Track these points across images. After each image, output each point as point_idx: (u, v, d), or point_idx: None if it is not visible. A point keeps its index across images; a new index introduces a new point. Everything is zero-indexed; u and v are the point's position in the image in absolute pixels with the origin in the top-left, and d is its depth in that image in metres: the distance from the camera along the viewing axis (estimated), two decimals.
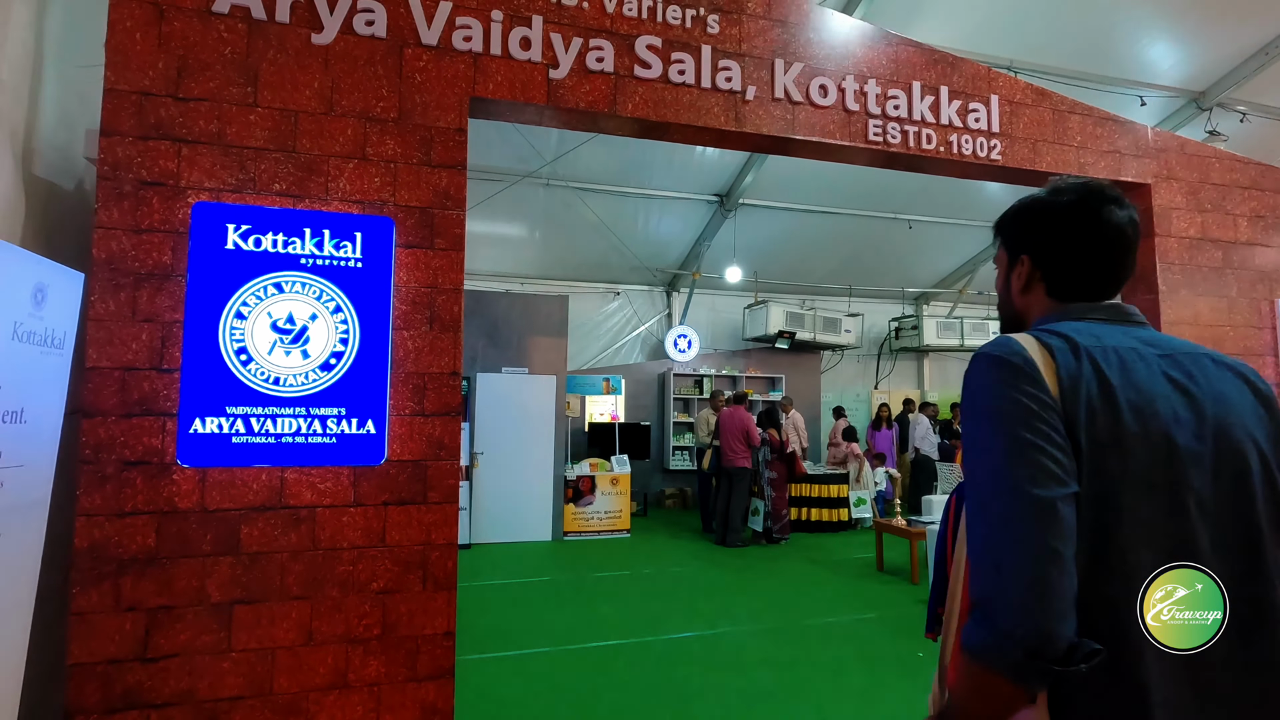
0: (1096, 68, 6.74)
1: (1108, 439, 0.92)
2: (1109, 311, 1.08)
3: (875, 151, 3.43)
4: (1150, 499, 0.92)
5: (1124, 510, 0.91)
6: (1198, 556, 0.93)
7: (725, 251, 9.26)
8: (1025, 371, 0.95)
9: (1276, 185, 4.26)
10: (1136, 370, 0.96)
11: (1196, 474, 0.93)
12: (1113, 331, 1.03)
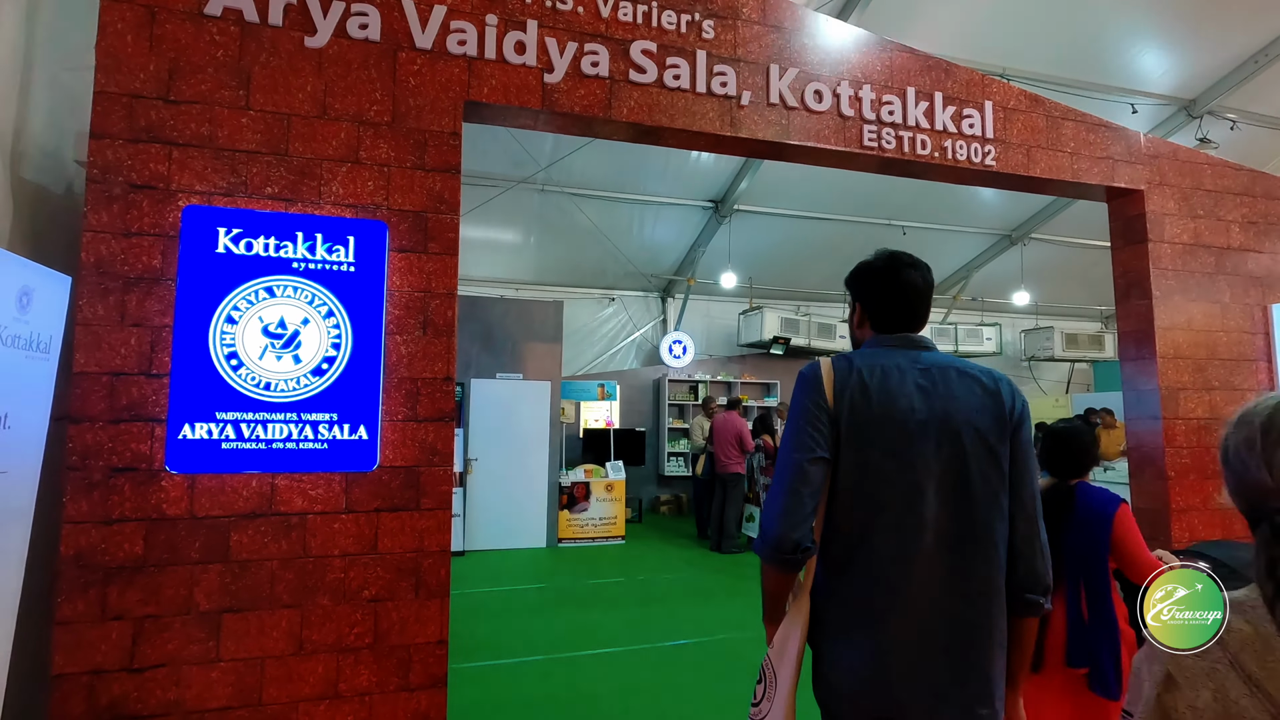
0: (1088, 75, 6.79)
1: (863, 421, 1.44)
2: (899, 340, 1.57)
3: (870, 157, 3.43)
4: (892, 459, 1.43)
5: (872, 465, 1.43)
6: (923, 493, 1.42)
7: (720, 257, 9.26)
8: (813, 383, 1.49)
9: (1267, 191, 4.28)
10: (891, 378, 1.47)
11: (922, 443, 1.43)
12: (892, 354, 1.53)
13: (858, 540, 1.44)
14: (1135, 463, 3.94)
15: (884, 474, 1.43)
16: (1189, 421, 3.84)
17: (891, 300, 1.61)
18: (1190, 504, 3.76)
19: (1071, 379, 12.46)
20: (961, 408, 1.47)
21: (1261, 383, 4.02)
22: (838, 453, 1.45)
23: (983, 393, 1.50)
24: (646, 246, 9.36)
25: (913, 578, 1.41)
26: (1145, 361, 3.88)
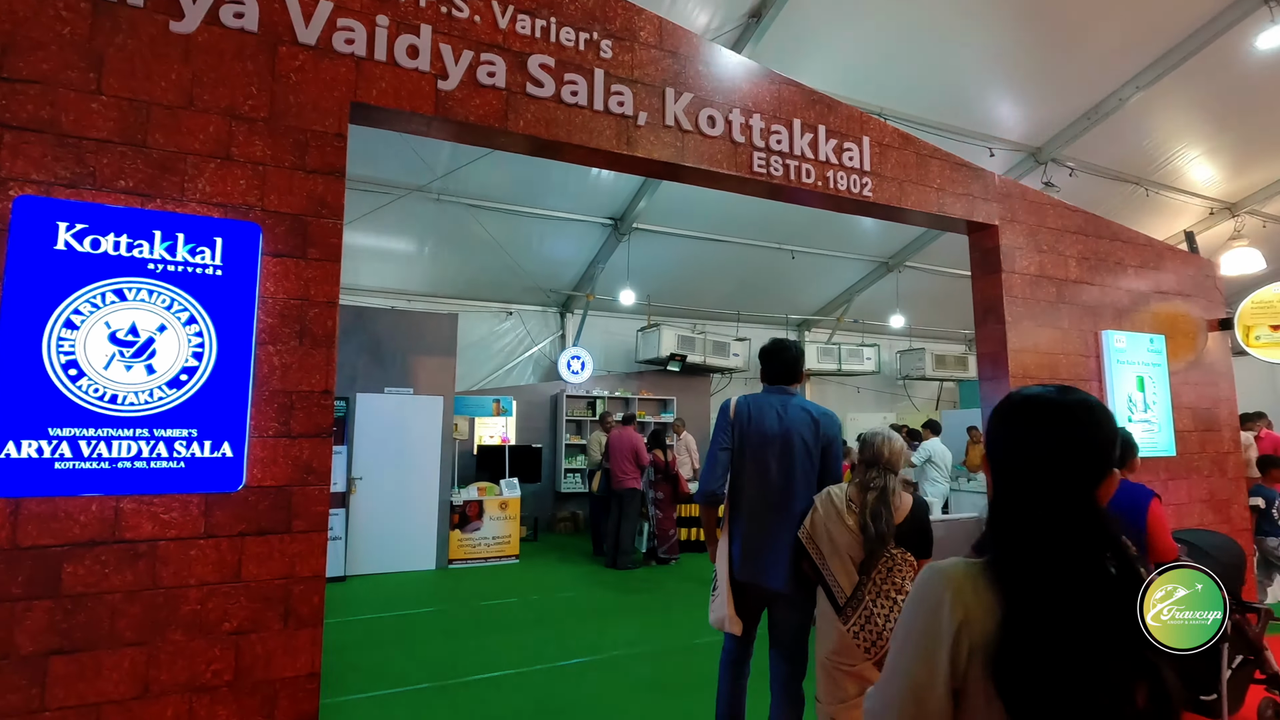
0: (954, 120, 7.45)
1: (746, 433, 2.85)
2: (775, 389, 2.97)
3: (759, 182, 3.59)
4: (758, 455, 2.83)
5: (748, 458, 2.84)
6: (770, 468, 2.80)
7: (619, 274, 9.35)
8: (726, 411, 2.93)
9: (1098, 232, 4.85)
10: (764, 410, 2.87)
11: (772, 449, 2.81)
12: (769, 397, 2.94)
13: (742, 490, 2.86)
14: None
15: (755, 458, 2.85)
16: None
17: (771, 369, 3.02)
18: None
19: (940, 396, 13.50)
20: (796, 427, 2.84)
21: None
22: (736, 446, 2.88)
23: (809, 420, 2.88)
24: (546, 261, 9.31)
25: (765, 507, 2.81)
26: (999, 380, 4.26)
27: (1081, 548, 1.02)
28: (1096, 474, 1.05)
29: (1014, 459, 1.09)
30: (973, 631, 1.00)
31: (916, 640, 1.05)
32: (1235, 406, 5.48)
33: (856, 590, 2.49)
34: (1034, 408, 1.10)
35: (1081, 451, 1.05)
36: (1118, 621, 1.01)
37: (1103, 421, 1.07)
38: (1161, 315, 5.00)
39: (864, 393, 12.78)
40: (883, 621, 2.44)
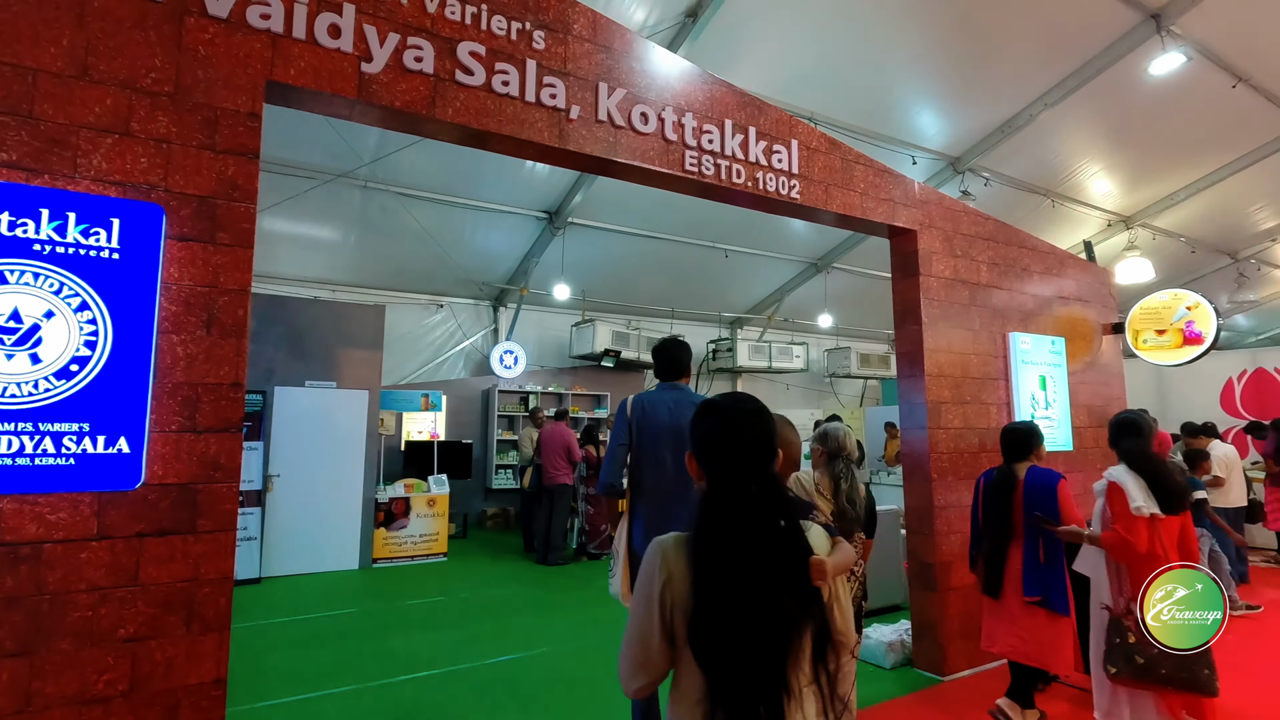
0: (881, 128, 7.74)
1: (642, 429, 3.10)
2: (666, 385, 3.25)
3: (691, 181, 3.63)
4: (654, 448, 3.06)
5: (645, 448, 3.08)
6: (664, 467, 3.02)
7: (554, 269, 9.28)
8: (623, 410, 3.18)
9: (1008, 239, 5.14)
10: (657, 405, 3.13)
11: (665, 441, 3.05)
12: (662, 394, 3.21)
13: (642, 480, 3.10)
14: (908, 467, 4.51)
15: (650, 451, 3.09)
16: (948, 430, 4.47)
17: (661, 366, 3.28)
18: (948, 501, 4.38)
19: (865, 394, 14.02)
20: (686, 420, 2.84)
21: (1001, 397, 4.79)
22: (634, 441, 3.13)
23: None
24: (478, 253, 9.13)
25: (661, 494, 3.04)
26: (916, 379, 4.47)
27: (749, 512, 1.29)
28: (762, 460, 1.33)
29: (701, 449, 1.38)
30: (673, 589, 1.27)
31: (640, 597, 1.31)
32: (1125, 404, 5.92)
33: None
34: (713, 412, 1.39)
35: (745, 444, 1.33)
36: (780, 568, 1.27)
37: (761, 422, 1.36)
38: (1062, 319, 5.35)
39: (793, 390, 13.13)
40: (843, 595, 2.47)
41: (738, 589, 1.22)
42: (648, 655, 1.28)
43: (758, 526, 1.27)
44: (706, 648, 1.22)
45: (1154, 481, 2.86)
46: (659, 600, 1.27)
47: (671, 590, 1.27)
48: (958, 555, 4.32)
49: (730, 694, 1.21)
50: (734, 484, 1.30)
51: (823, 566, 1.34)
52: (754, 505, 1.28)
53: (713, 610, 1.21)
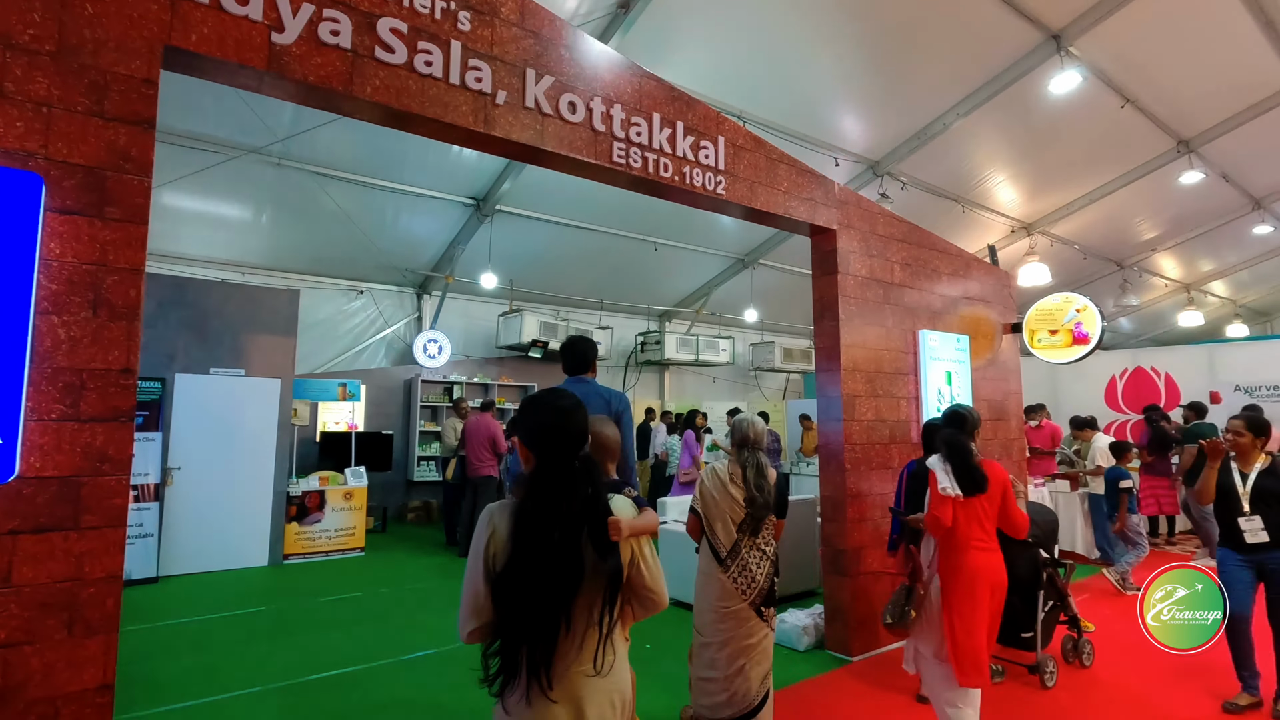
0: (807, 129, 7.96)
1: None
2: (574, 379, 3.44)
3: (619, 173, 3.63)
4: None
5: None
6: None
7: (481, 257, 9.09)
8: None
9: (919, 241, 5.40)
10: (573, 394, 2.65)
11: None
12: (570, 387, 3.08)
13: None
14: (823, 457, 4.69)
15: None
16: (862, 423, 4.67)
17: (569, 360, 3.48)
18: (861, 490, 4.58)
19: (787, 387, 14.45)
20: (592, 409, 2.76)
21: (910, 391, 5.05)
22: None
23: (603, 402, 3.30)
24: (402, 239, 8.85)
25: None
26: (833, 373, 4.64)
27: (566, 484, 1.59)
28: (577, 444, 1.66)
29: (529, 436, 1.68)
30: (496, 543, 1.56)
31: (473, 554, 1.60)
32: (1021, 399, 6.35)
33: (735, 546, 2.96)
34: (539, 407, 1.70)
35: (564, 432, 1.65)
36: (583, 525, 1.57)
37: (577, 415, 1.68)
38: (967, 318, 5.68)
39: (719, 382, 13.39)
40: (756, 570, 2.96)
41: (547, 541, 1.52)
42: (477, 602, 1.53)
43: (571, 494, 1.58)
44: (504, 590, 1.51)
45: (958, 467, 3.08)
46: (484, 554, 1.56)
47: (495, 544, 1.56)
48: (868, 542, 4.53)
49: (516, 629, 1.50)
50: (556, 462, 1.61)
51: (618, 525, 1.61)
52: (571, 478, 1.60)
53: (523, 557, 1.51)
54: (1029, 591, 3.96)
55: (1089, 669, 4.21)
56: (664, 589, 1.71)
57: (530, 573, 1.50)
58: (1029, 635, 3.99)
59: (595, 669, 1.55)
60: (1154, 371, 9.92)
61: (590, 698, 1.55)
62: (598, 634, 1.56)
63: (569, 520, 1.55)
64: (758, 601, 2.94)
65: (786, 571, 5.61)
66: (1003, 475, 3.13)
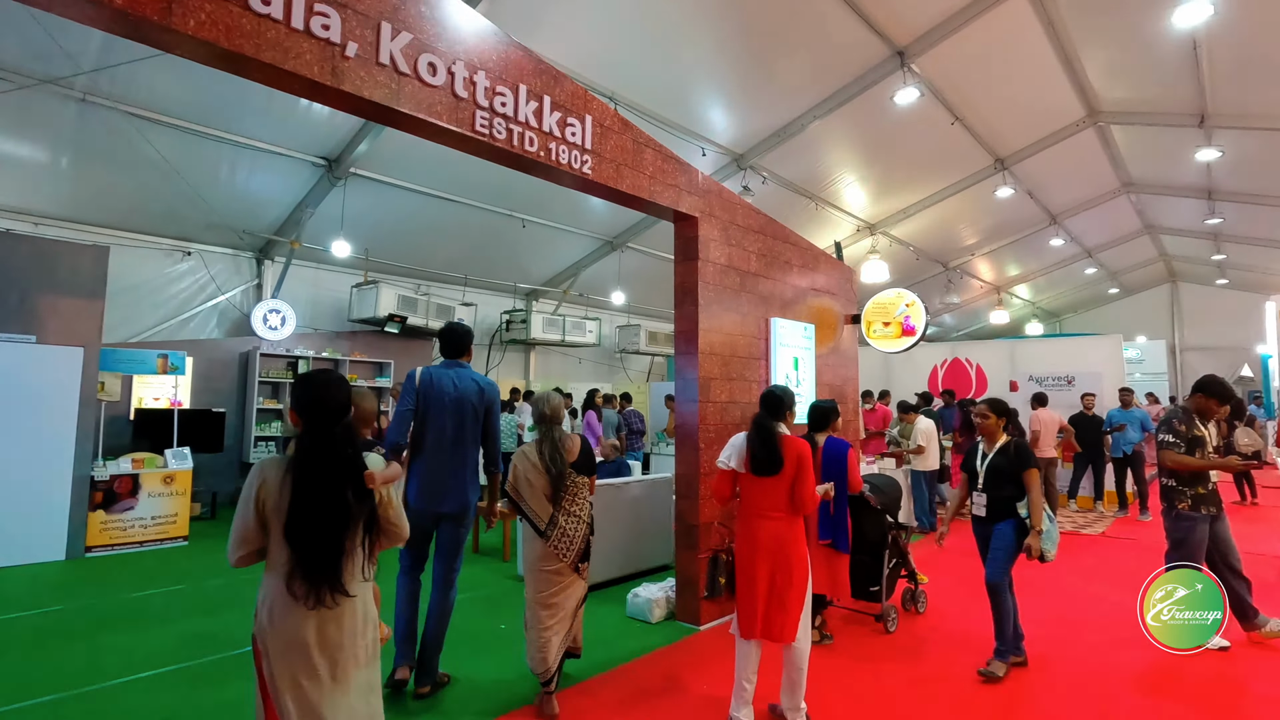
0: (678, 117, 8.12)
1: (428, 397, 3.53)
2: (450, 363, 3.70)
3: (482, 143, 3.51)
4: (437, 415, 3.53)
5: (429, 417, 3.53)
6: (445, 432, 3.52)
7: (332, 223, 8.45)
8: (411, 379, 3.56)
9: (774, 233, 5.71)
10: (441, 379, 3.58)
11: (448, 410, 3.54)
12: (446, 370, 3.64)
13: (424, 440, 3.51)
14: (680, 437, 4.86)
15: (434, 417, 3.52)
16: (716, 404, 4.89)
17: (446, 346, 3.72)
18: (712, 468, 4.79)
19: (652, 370, 14.81)
20: (466, 393, 3.58)
21: (761, 375, 5.35)
22: (419, 408, 3.52)
23: (477, 388, 3.63)
24: (239, 197, 8.02)
25: (440, 452, 3.51)
26: (691, 356, 4.81)
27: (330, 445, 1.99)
28: (339, 413, 2.04)
29: (299, 406, 2.04)
30: (266, 490, 1.97)
31: (244, 498, 2.00)
32: (858, 384, 6.94)
33: (552, 518, 3.32)
34: (308, 383, 2.08)
35: (328, 403, 2.03)
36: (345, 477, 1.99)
37: (340, 390, 2.07)
38: (814, 308, 6.10)
39: (585, 363, 13.46)
40: (573, 533, 3.34)
41: (319, 490, 1.95)
42: (246, 534, 1.97)
43: (333, 453, 1.99)
44: (295, 529, 1.93)
45: (757, 447, 3.18)
46: (255, 498, 1.97)
47: (264, 491, 1.98)
48: (718, 517, 4.77)
49: (307, 557, 1.93)
50: (321, 428, 2.00)
51: (373, 476, 2.06)
52: (333, 440, 2.00)
53: (302, 505, 1.93)
54: (877, 551, 4.50)
55: (923, 615, 4.85)
56: (405, 524, 2.20)
57: (311, 514, 1.93)
58: (876, 589, 4.57)
59: (366, 578, 2.09)
60: (968, 362, 11.21)
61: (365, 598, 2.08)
62: (361, 555, 2.05)
63: (334, 472, 1.98)
64: (575, 560, 3.35)
65: (643, 547, 5.81)
66: (802, 451, 3.20)
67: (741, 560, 3.22)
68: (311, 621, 1.95)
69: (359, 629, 2.04)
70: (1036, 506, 3.72)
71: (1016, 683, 3.74)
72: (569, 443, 3.41)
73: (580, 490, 3.39)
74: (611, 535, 5.58)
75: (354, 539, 2.02)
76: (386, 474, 2.14)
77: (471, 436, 3.58)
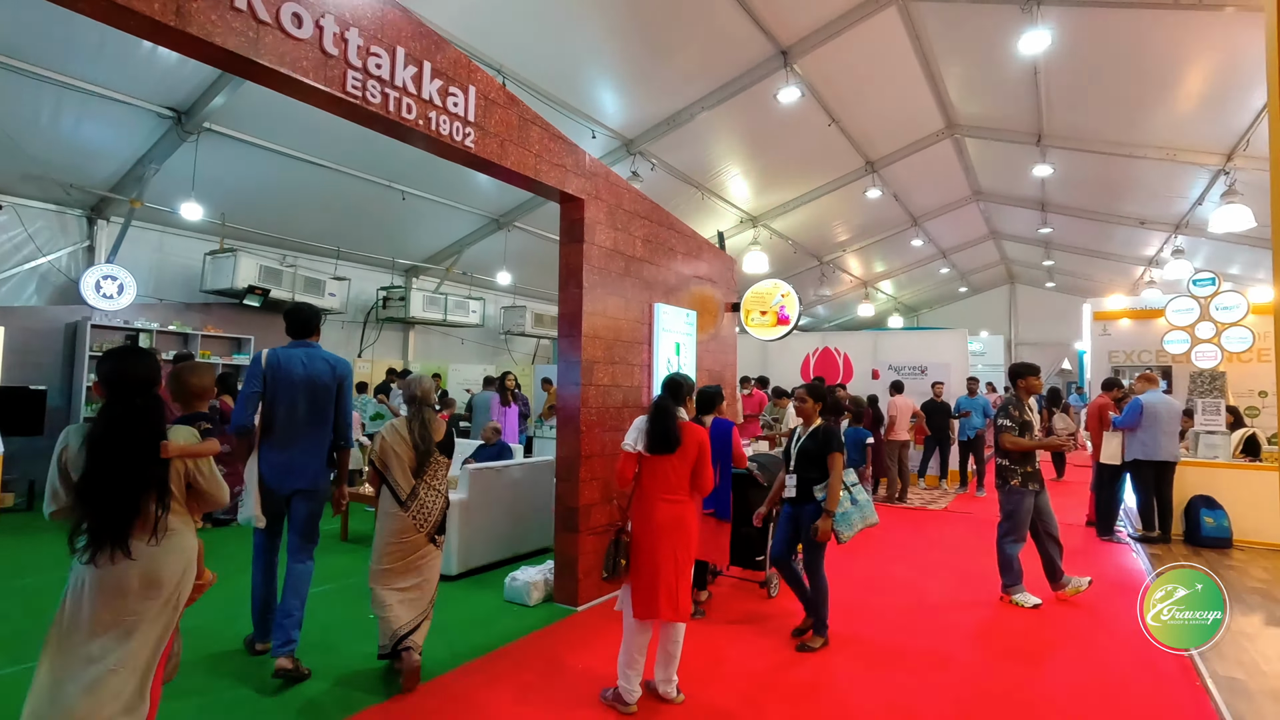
0: (569, 97, 7.99)
1: (276, 378, 3.56)
2: (298, 343, 3.70)
3: (354, 106, 3.29)
4: (288, 395, 3.55)
5: (279, 398, 3.55)
6: (297, 411, 3.56)
7: (182, 182, 7.63)
8: (258, 361, 3.56)
9: (661, 220, 5.79)
10: (290, 360, 3.60)
11: (299, 390, 3.57)
12: (295, 350, 3.66)
13: (274, 420, 3.53)
14: (561, 420, 4.85)
15: (285, 398, 3.54)
16: (598, 387, 4.92)
17: (293, 326, 3.71)
18: (594, 450, 4.83)
19: (537, 352, 14.64)
20: (317, 373, 3.60)
21: (644, 360, 5.43)
22: (267, 389, 3.52)
23: (328, 367, 3.66)
24: (66, 146, 7.04)
25: (293, 432, 3.55)
26: (574, 339, 4.79)
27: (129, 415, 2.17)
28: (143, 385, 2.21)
29: (103, 379, 2.20)
30: (68, 453, 2.15)
31: (53, 459, 2.18)
32: (737, 370, 7.22)
33: (414, 490, 3.46)
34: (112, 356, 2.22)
35: (130, 377, 2.20)
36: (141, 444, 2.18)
37: (142, 363, 2.24)
38: (696, 295, 6.26)
39: (468, 344, 13.07)
40: (432, 506, 3.49)
41: (109, 456, 2.12)
42: (54, 492, 2.16)
43: (132, 422, 2.17)
44: (85, 490, 2.10)
45: (656, 429, 3.29)
46: (59, 460, 2.16)
47: (67, 454, 2.16)
48: (599, 499, 4.82)
49: (94, 516, 2.10)
50: (123, 399, 2.17)
51: (168, 446, 2.22)
52: (132, 411, 2.18)
53: (93, 468, 2.10)
54: (761, 524, 4.67)
55: None
56: (221, 491, 2.41)
57: (100, 478, 2.10)
58: (760, 558, 4.93)
59: (155, 541, 2.19)
60: (837, 351, 11.96)
61: (153, 558, 2.20)
62: (154, 517, 2.19)
63: (127, 441, 2.15)
64: (432, 532, 3.49)
65: (522, 531, 5.76)
66: (702, 438, 3.36)
67: (643, 542, 3.24)
68: (91, 575, 2.11)
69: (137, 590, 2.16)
70: (834, 490, 3.90)
71: (867, 642, 4.07)
72: (436, 424, 3.58)
73: (441, 468, 3.57)
74: (490, 519, 5.49)
75: (147, 504, 2.17)
76: (189, 446, 2.30)
77: (325, 416, 3.65)
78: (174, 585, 2.24)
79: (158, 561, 2.20)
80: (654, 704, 3.28)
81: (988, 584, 5.17)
